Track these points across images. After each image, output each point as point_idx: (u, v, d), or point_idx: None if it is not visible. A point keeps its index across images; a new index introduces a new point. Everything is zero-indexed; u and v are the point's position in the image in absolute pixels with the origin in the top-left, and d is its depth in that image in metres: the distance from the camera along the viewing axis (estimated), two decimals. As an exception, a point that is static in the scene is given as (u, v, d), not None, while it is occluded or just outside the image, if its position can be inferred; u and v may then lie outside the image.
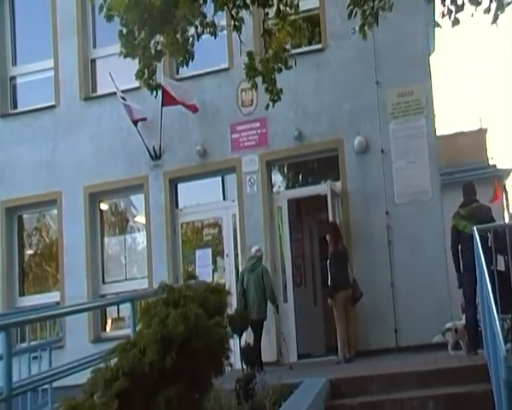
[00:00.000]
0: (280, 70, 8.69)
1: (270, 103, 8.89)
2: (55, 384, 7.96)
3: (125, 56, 8.36)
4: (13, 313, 11.88)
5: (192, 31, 8.28)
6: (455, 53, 45.51)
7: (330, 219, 11.28)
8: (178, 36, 8.17)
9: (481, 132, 19.39)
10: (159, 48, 8.32)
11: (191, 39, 8.32)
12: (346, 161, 11.88)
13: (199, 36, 8.33)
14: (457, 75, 42.83)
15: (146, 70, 8.44)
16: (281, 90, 8.80)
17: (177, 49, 8.30)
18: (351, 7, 8.39)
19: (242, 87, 12.14)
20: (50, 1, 14.05)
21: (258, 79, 8.69)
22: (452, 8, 8.00)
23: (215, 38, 8.38)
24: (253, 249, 11.31)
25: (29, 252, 14.43)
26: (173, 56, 9.16)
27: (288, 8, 8.60)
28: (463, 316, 9.38)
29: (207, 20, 8.16)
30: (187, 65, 8.54)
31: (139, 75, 8.55)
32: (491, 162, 18.27)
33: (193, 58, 8.50)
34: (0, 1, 14.59)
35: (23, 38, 14.69)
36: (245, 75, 8.64)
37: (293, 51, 12.14)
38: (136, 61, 8.46)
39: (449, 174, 15.20)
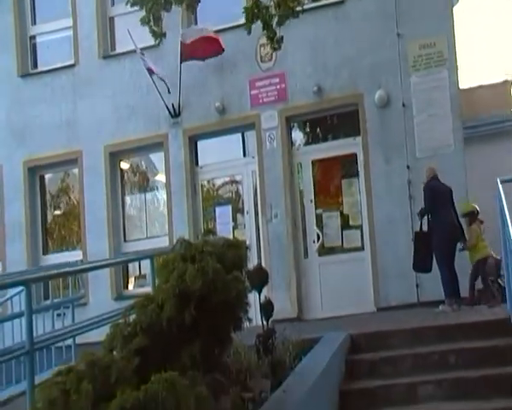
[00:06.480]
0: (284, 18, 8.51)
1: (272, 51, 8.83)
2: (78, 341, 8.06)
3: (132, 5, 8.35)
4: (33, 269, 12.02)
5: None
6: (480, 3, 44.43)
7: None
8: None
9: (506, 85, 18.99)
10: None
11: None
12: (366, 115, 11.72)
13: None
14: (482, 26, 41.89)
15: (151, 16, 8.39)
16: (281, 38, 8.61)
17: None
18: None
19: (261, 42, 11.94)
20: (68, -41, 13.93)
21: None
22: None
23: None
24: None
25: (52, 211, 14.52)
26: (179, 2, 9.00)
27: None
28: None
29: None
30: (193, 10, 8.52)
31: (145, 20, 8.51)
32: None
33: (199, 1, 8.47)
34: (18, -39, 14.49)
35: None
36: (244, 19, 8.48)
37: (312, 5, 12.21)
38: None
39: (472, 128, 14.97)
